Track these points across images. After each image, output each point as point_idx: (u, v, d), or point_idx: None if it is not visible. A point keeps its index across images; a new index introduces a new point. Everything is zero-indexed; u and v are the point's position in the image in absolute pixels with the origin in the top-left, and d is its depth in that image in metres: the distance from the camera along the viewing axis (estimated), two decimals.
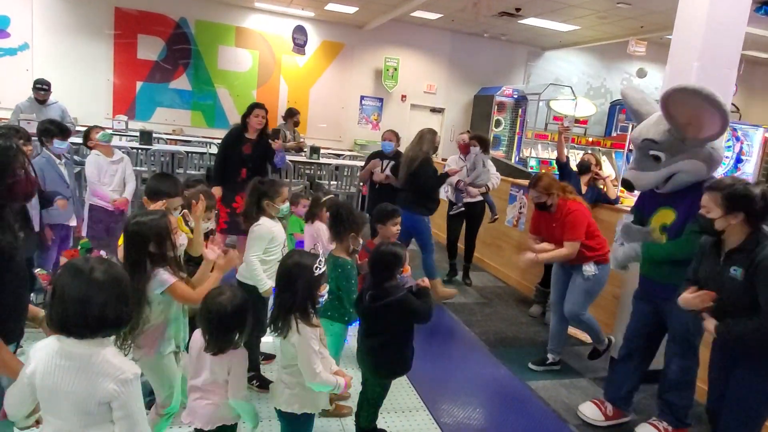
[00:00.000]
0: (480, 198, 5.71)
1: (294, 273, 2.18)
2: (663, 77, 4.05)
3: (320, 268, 2.23)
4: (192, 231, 2.84)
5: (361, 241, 3.15)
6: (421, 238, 5.04)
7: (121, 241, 2.39)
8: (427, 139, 5.02)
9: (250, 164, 5.14)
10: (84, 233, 4.48)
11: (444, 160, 7.18)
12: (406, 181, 4.99)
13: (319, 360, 2.17)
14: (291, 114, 8.08)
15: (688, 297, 2.51)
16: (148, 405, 2.83)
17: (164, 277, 2.21)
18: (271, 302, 2.39)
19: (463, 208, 5.69)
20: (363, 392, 2.81)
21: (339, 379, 2.24)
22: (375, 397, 2.79)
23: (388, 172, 5.48)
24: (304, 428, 2.32)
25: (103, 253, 2.29)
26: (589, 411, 3.39)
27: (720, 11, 3.58)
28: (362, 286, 2.84)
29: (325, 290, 2.31)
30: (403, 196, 4.98)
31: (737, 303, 2.38)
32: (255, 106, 5.17)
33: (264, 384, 3.24)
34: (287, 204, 3.25)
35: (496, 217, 5.86)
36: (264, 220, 3.15)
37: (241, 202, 4.09)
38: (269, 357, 3.58)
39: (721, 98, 2.69)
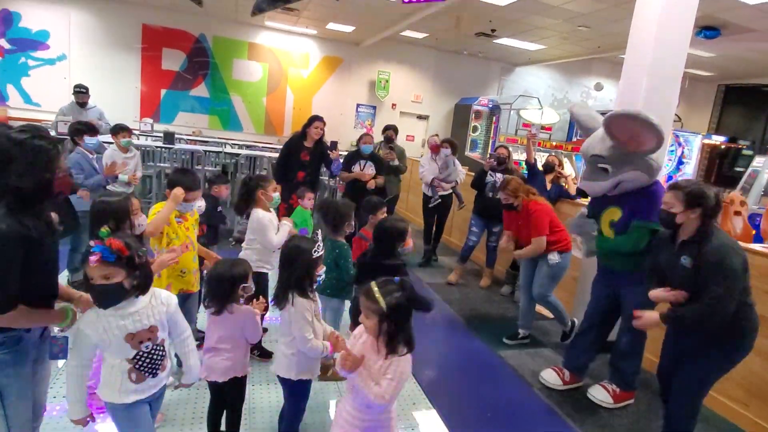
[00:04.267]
0: (450, 191, 5.91)
1: (293, 254, 2.16)
2: (617, 90, 4.05)
3: (318, 252, 2.20)
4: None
5: (353, 225, 3.13)
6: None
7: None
8: None
9: (308, 169, 5.01)
10: None
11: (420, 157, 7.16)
12: None
13: (311, 329, 2.14)
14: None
15: (660, 294, 2.46)
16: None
17: None
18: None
19: (440, 200, 5.84)
20: None
21: (325, 344, 2.20)
22: None
23: (371, 171, 5.33)
24: (301, 393, 2.30)
25: None
26: (550, 377, 3.42)
27: (666, 34, 3.58)
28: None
29: (321, 270, 2.29)
30: None
31: (688, 288, 2.38)
32: (315, 118, 4.99)
33: (264, 354, 3.24)
34: (277, 194, 3.19)
35: (463, 205, 6.06)
36: (259, 211, 3.06)
37: (296, 199, 4.03)
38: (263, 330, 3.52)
39: (655, 120, 2.72)
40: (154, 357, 1.73)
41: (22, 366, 1.65)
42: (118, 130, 4.61)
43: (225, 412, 2.35)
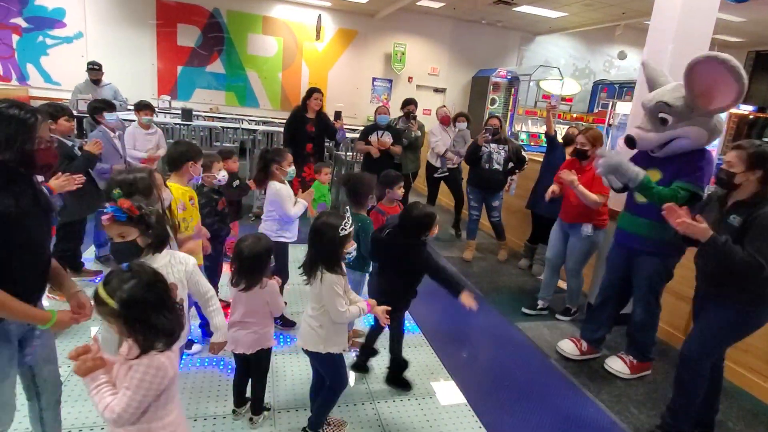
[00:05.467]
0: (456, 165, 5.95)
1: (321, 231, 2.14)
2: (641, 59, 3.94)
3: (346, 229, 2.15)
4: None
5: (373, 201, 3.17)
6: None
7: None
8: None
9: (316, 140, 5.17)
10: None
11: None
12: None
13: (343, 301, 2.15)
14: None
15: (692, 223, 2.28)
16: None
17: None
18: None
19: (447, 173, 5.86)
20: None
21: (360, 305, 2.21)
22: (394, 331, 2.86)
23: (388, 139, 5.35)
24: (331, 365, 2.29)
25: None
26: (567, 347, 3.45)
27: None
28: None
29: (352, 247, 2.24)
30: None
31: None
32: (313, 90, 5.15)
33: (287, 323, 3.35)
34: (293, 167, 3.25)
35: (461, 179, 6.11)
36: (276, 184, 3.13)
37: (308, 172, 4.14)
38: None
39: (744, 72, 2.50)
40: None
41: (2, 346, 1.57)
42: (142, 107, 4.75)
43: (250, 380, 2.44)
